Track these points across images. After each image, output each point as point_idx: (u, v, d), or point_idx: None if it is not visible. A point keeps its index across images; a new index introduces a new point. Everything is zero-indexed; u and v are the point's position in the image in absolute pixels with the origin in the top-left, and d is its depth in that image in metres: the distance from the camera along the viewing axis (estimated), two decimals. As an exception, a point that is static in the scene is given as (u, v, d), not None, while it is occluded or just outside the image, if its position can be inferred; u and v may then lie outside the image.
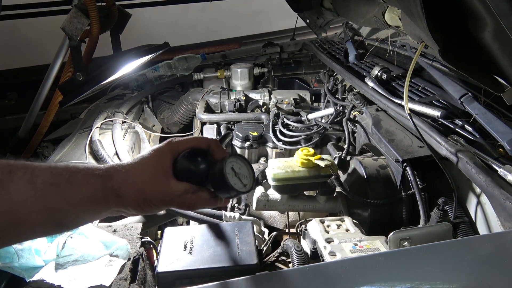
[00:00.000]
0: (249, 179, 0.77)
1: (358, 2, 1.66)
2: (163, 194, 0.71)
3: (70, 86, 1.68)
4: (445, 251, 0.80)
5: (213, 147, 0.78)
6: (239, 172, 0.75)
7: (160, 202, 0.72)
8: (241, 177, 0.75)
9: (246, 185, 0.76)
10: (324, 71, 2.38)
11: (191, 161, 0.74)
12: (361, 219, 1.30)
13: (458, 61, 1.05)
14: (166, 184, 0.71)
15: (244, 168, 0.77)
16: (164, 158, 0.73)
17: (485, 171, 1.01)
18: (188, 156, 0.75)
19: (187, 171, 0.74)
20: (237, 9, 4.37)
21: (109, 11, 1.85)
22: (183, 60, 2.67)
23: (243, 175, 0.76)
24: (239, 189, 0.74)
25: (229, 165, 0.74)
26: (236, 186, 0.74)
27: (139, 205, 0.70)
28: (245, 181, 0.76)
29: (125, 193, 0.68)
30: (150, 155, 0.73)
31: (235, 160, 0.76)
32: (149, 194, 0.70)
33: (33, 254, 0.95)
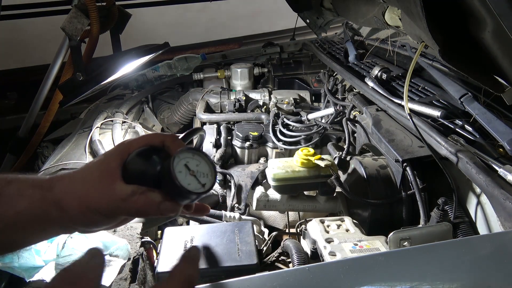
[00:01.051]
0: (209, 177, 0.64)
1: (358, 2, 1.66)
2: (107, 199, 0.60)
3: (70, 86, 1.68)
4: (445, 251, 0.80)
5: (168, 143, 0.66)
6: (196, 170, 0.63)
7: (105, 209, 0.60)
8: (198, 176, 0.63)
9: (204, 184, 0.63)
10: (324, 71, 2.38)
11: (139, 161, 0.64)
12: (361, 219, 1.30)
13: (458, 61, 1.05)
14: (111, 187, 0.60)
15: (203, 165, 0.64)
16: (110, 160, 0.63)
17: (485, 171, 1.01)
18: (137, 155, 0.64)
19: (135, 172, 0.63)
20: (237, 9, 4.37)
21: (109, 11, 1.85)
22: (183, 60, 2.67)
23: (202, 173, 0.63)
24: (195, 190, 0.62)
25: (181, 162, 0.62)
26: (190, 186, 0.61)
27: (84, 216, 0.60)
28: (203, 180, 0.63)
29: (67, 204, 0.59)
30: (96, 159, 0.65)
31: (190, 156, 0.64)
32: (93, 201, 0.60)
33: (33, 254, 0.95)
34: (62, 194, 0.59)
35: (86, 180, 0.61)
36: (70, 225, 0.62)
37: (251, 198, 1.55)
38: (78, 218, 0.60)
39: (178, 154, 0.62)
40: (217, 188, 1.64)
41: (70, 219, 0.60)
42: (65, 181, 0.61)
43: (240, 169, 1.69)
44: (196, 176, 0.63)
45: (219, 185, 1.65)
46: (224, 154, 1.73)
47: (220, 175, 1.68)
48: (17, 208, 0.58)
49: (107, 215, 0.61)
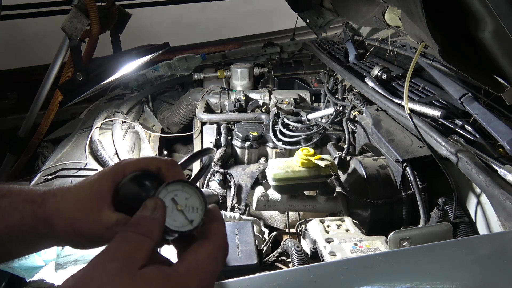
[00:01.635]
0: (199, 212, 0.57)
1: (358, 2, 1.66)
2: (92, 224, 0.58)
3: (70, 86, 1.69)
4: (445, 251, 0.80)
5: (164, 170, 0.62)
6: (184, 204, 0.57)
7: (89, 234, 0.58)
8: (186, 211, 0.57)
9: (192, 221, 0.56)
10: (324, 71, 2.38)
11: (131, 187, 0.60)
12: (361, 219, 1.30)
13: (458, 61, 1.05)
14: (98, 212, 0.58)
15: (193, 198, 0.58)
16: (103, 181, 0.60)
17: (485, 171, 1.01)
18: (130, 180, 0.60)
19: (125, 199, 0.60)
20: (237, 9, 4.37)
21: (109, 11, 1.85)
22: (183, 60, 2.67)
23: (191, 207, 0.57)
24: (179, 228, 0.55)
25: (168, 196, 0.57)
26: (175, 224, 0.55)
27: (69, 237, 0.59)
28: (191, 216, 0.57)
29: (55, 223, 0.58)
30: (91, 177, 0.62)
31: (180, 188, 0.58)
32: (78, 224, 0.58)
33: (33, 254, 0.95)
34: (52, 212, 0.58)
35: (76, 200, 0.59)
36: (59, 242, 0.61)
37: (251, 198, 1.55)
38: (64, 238, 0.59)
39: (165, 187, 0.57)
40: (217, 188, 1.64)
41: (58, 237, 0.59)
42: (57, 198, 0.59)
43: (240, 169, 1.69)
44: (183, 212, 0.57)
45: (219, 185, 1.66)
46: (224, 154, 1.73)
47: (220, 175, 1.68)
48: (9, 223, 0.57)
49: (90, 240, 0.60)
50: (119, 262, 0.48)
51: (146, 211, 0.54)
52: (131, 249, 0.50)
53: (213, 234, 0.55)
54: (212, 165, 1.69)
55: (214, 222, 0.57)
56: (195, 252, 0.53)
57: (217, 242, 0.55)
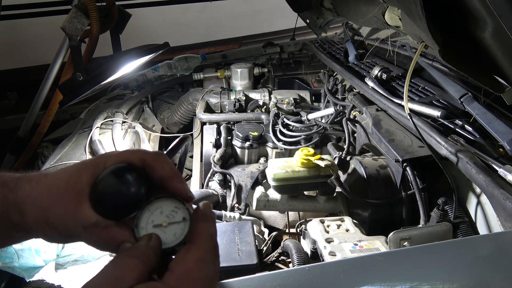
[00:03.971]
0: (182, 224, 0.54)
1: (358, 2, 1.66)
2: (67, 219, 0.53)
3: (70, 86, 1.69)
4: (445, 251, 0.80)
5: (149, 161, 0.56)
6: (169, 216, 0.54)
7: (62, 227, 0.54)
8: (167, 229, 0.53)
9: (175, 233, 0.53)
10: (324, 71, 2.38)
11: (110, 181, 0.54)
12: (361, 219, 1.30)
13: (458, 61, 1.05)
14: (76, 208, 0.53)
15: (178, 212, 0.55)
16: (82, 173, 0.55)
17: (485, 171, 1.01)
18: (109, 174, 0.54)
19: (103, 196, 0.54)
20: (237, 9, 4.37)
21: (109, 11, 1.85)
22: (183, 60, 2.67)
23: (173, 220, 0.54)
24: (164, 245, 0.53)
25: (145, 217, 0.54)
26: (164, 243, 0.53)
27: (39, 227, 0.54)
28: (174, 230, 0.54)
29: (27, 210, 0.53)
30: (69, 167, 0.57)
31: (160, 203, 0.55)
32: (52, 215, 0.53)
33: (33, 254, 0.95)
34: (24, 198, 0.54)
35: (52, 190, 0.54)
36: (31, 232, 0.56)
37: (251, 198, 1.55)
38: (35, 227, 0.55)
39: (148, 207, 0.54)
40: (217, 188, 1.64)
41: (28, 226, 0.55)
42: (32, 184, 0.55)
43: (240, 169, 1.69)
44: (169, 226, 0.54)
45: (219, 185, 1.66)
46: (224, 154, 1.73)
47: (220, 175, 1.68)
48: None
49: (63, 234, 0.55)
50: (108, 284, 0.46)
51: (142, 242, 0.52)
52: (122, 270, 0.48)
53: (198, 236, 0.52)
54: (212, 165, 1.69)
55: (200, 222, 0.54)
56: (183, 260, 0.50)
57: (204, 245, 0.52)
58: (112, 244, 0.54)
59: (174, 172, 0.58)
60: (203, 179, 1.76)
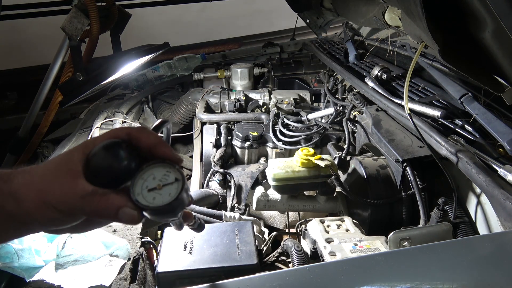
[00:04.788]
0: (176, 184, 0.59)
1: (358, 2, 1.66)
2: (65, 195, 0.57)
3: (70, 86, 1.69)
4: (445, 251, 0.80)
5: (134, 134, 0.62)
6: (162, 180, 0.59)
7: (62, 204, 0.57)
8: (162, 191, 0.59)
9: (170, 193, 0.59)
10: (324, 71, 2.38)
11: (102, 155, 0.59)
12: (361, 219, 1.30)
13: (458, 61, 1.05)
14: (71, 182, 0.57)
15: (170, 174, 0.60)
16: (73, 154, 0.60)
17: (485, 171, 1.01)
18: (100, 149, 0.59)
19: (97, 168, 0.59)
20: (237, 9, 4.37)
21: (109, 11, 1.85)
22: (183, 60, 2.67)
23: (167, 182, 0.59)
24: (158, 205, 0.58)
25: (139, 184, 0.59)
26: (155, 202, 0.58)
27: (38, 210, 0.57)
28: (169, 190, 0.59)
29: (23, 196, 0.57)
30: (59, 154, 0.62)
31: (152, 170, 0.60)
32: (50, 195, 0.57)
33: (33, 254, 0.95)
34: (19, 186, 0.57)
35: (46, 173, 0.59)
36: (26, 221, 0.59)
37: (251, 198, 1.55)
38: (33, 213, 0.57)
39: (141, 174, 0.59)
40: (217, 188, 1.64)
41: (25, 214, 0.57)
42: (25, 174, 0.59)
43: (240, 169, 1.69)
44: (163, 188, 0.59)
45: (219, 185, 1.65)
46: (224, 154, 1.73)
47: (220, 175, 1.68)
48: None
49: (63, 212, 0.58)
50: None
51: None
52: None
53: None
54: (213, 165, 1.69)
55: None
56: None
57: None
58: (112, 209, 0.58)
59: (159, 139, 0.63)
60: (203, 179, 1.76)
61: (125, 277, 0.97)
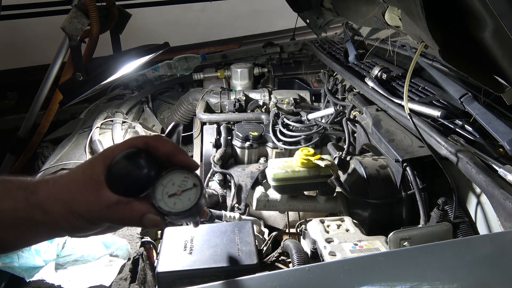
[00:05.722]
0: (195, 190, 0.64)
1: (358, 2, 1.66)
2: (91, 205, 0.61)
3: (70, 86, 1.69)
4: (445, 251, 0.80)
5: (152, 143, 0.66)
6: (184, 186, 0.64)
7: (88, 214, 0.61)
8: (182, 196, 0.63)
9: (189, 198, 0.63)
10: (324, 71, 2.38)
11: (123, 164, 0.62)
12: (361, 219, 1.30)
13: (458, 61, 1.05)
14: (95, 194, 0.61)
15: (188, 180, 0.64)
16: (94, 165, 0.63)
17: (485, 171, 1.01)
18: (121, 159, 0.62)
19: (119, 176, 0.62)
20: (237, 9, 4.37)
21: (109, 11, 1.85)
22: (183, 60, 2.67)
23: (189, 188, 0.64)
24: (181, 209, 0.63)
25: (159, 190, 0.63)
26: (176, 207, 0.63)
27: (65, 220, 0.61)
28: (188, 195, 0.63)
29: (50, 207, 0.60)
30: (81, 164, 0.65)
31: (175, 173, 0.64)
32: (76, 206, 0.61)
33: (33, 254, 0.95)
34: (45, 197, 0.60)
35: (70, 185, 0.62)
36: (53, 228, 0.62)
37: (251, 198, 1.55)
38: (60, 221, 0.61)
39: (158, 182, 0.63)
40: (217, 188, 1.64)
41: (53, 223, 0.61)
42: (49, 185, 0.62)
43: (240, 169, 1.69)
44: (182, 193, 0.63)
45: (219, 185, 1.65)
46: (224, 154, 1.73)
47: (220, 175, 1.68)
48: (2, 207, 0.59)
49: (90, 221, 0.62)
50: None
51: None
52: None
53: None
54: (212, 165, 1.69)
55: None
56: None
57: None
58: (137, 216, 0.62)
59: (176, 147, 0.67)
60: (203, 179, 1.77)
61: (125, 277, 0.97)
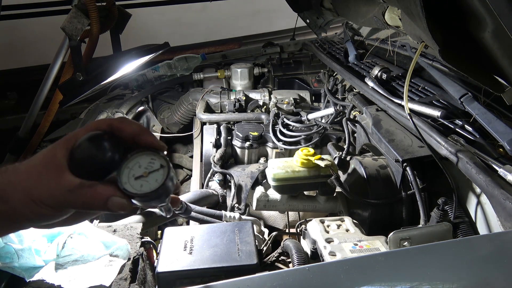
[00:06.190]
0: (162, 171, 0.61)
1: (358, 2, 1.66)
2: (52, 190, 0.58)
3: (70, 86, 1.69)
4: (445, 251, 0.80)
5: (116, 125, 0.63)
6: (147, 167, 0.61)
7: (50, 199, 0.58)
8: (149, 178, 0.60)
9: (157, 179, 0.60)
10: (324, 71, 2.38)
11: (86, 147, 0.59)
12: (361, 219, 1.30)
13: (458, 61, 1.05)
14: (58, 178, 0.58)
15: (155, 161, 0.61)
16: (55, 151, 0.60)
17: (485, 171, 1.01)
18: (83, 142, 0.59)
19: (82, 160, 0.59)
20: (237, 9, 4.37)
21: (109, 11, 1.85)
22: (183, 60, 2.67)
23: (152, 169, 0.61)
24: (146, 191, 0.60)
25: (125, 173, 0.60)
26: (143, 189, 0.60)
27: (27, 208, 0.58)
28: (155, 177, 0.60)
29: (9, 195, 0.57)
30: (42, 150, 0.62)
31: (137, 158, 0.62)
32: (37, 192, 0.58)
33: (33, 254, 0.95)
34: (4, 185, 0.58)
35: (30, 171, 0.59)
36: (15, 218, 0.60)
37: (251, 198, 1.55)
38: (22, 211, 0.58)
39: (126, 164, 0.61)
40: (217, 188, 1.64)
41: (13, 212, 0.58)
42: (8, 172, 0.59)
43: (240, 169, 1.69)
44: (149, 175, 0.60)
45: (219, 185, 1.65)
46: (224, 154, 1.73)
47: (220, 175, 1.68)
48: None
49: (52, 207, 0.59)
50: None
51: None
52: None
53: None
54: (213, 165, 1.69)
55: None
56: None
57: None
58: (101, 199, 0.59)
59: (142, 127, 0.64)
60: (203, 179, 1.76)
61: (125, 277, 0.97)
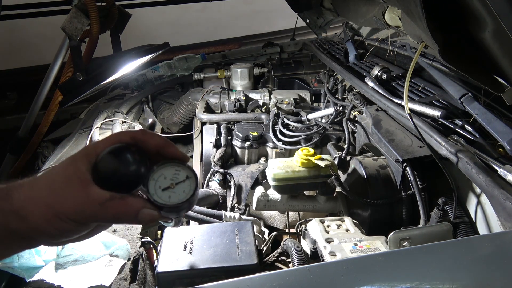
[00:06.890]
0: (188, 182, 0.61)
1: (358, 2, 1.66)
2: (80, 204, 0.56)
3: (70, 86, 1.69)
4: (445, 251, 0.80)
5: (140, 137, 0.63)
6: (176, 179, 0.61)
7: (77, 215, 0.56)
8: (176, 189, 0.61)
9: (184, 190, 0.61)
10: (324, 71, 2.38)
11: (110, 160, 0.59)
12: (361, 219, 1.30)
13: (458, 61, 1.05)
14: (84, 192, 0.56)
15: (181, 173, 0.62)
16: (77, 163, 0.58)
17: (485, 171, 1.01)
18: (107, 155, 0.59)
19: (107, 173, 0.59)
20: (237, 9, 4.37)
21: (109, 11, 1.85)
22: (183, 60, 2.67)
23: (178, 180, 0.62)
24: (175, 202, 0.60)
25: (151, 185, 0.61)
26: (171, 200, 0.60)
27: (50, 224, 0.56)
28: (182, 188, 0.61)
29: (29, 212, 0.55)
30: (61, 163, 0.60)
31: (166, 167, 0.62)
32: (61, 207, 0.55)
33: (33, 254, 0.95)
34: (21, 201, 0.55)
35: (52, 185, 0.57)
36: (32, 236, 0.57)
37: (251, 198, 1.55)
38: (42, 227, 0.56)
39: (150, 175, 0.61)
40: (217, 188, 1.64)
41: (32, 229, 0.56)
42: (25, 189, 0.56)
43: (240, 169, 1.69)
44: (176, 186, 0.61)
45: (219, 185, 1.65)
46: (224, 154, 1.73)
47: (220, 175, 1.68)
48: None
49: (79, 221, 0.57)
50: None
51: None
52: None
53: None
54: (212, 165, 1.69)
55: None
56: None
57: None
58: (132, 212, 0.59)
59: (165, 140, 0.65)
60: (203, 179, 1.76)
61: (125, 277, 0.97)
